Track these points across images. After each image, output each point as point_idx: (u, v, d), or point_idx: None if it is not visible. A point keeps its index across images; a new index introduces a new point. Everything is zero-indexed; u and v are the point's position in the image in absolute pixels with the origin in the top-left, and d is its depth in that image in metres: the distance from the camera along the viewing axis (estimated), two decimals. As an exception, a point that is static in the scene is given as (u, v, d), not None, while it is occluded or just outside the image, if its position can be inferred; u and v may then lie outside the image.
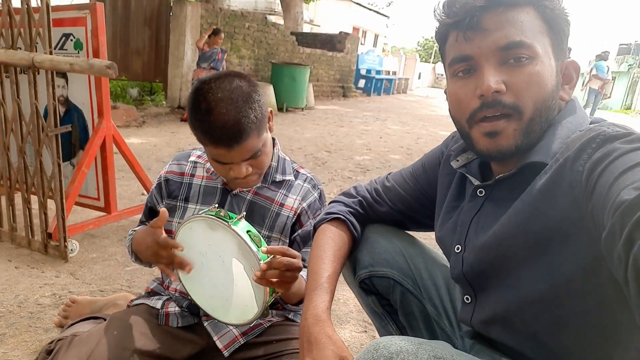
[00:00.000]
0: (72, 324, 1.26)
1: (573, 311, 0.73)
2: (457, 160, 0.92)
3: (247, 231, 0.96)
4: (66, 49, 2.39)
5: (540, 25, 0.77)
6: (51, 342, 1.13)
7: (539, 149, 0.77)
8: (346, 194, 1.14)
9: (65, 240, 2.13)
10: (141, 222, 1.34)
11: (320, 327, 0.83)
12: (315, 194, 1.26)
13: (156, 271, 2.12)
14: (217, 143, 1.03)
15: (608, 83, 11.93)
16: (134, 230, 1.27)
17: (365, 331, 1.80)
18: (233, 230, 0.94)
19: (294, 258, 0.96)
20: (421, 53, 48.80)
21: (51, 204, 2.17)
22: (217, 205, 1.03)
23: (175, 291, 1.24)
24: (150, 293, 1.32)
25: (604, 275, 0.65)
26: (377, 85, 16.10)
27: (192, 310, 1.22)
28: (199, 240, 1.02)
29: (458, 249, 0.89)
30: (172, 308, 1.22)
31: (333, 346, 0.79)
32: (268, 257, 0.94)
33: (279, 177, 1.22)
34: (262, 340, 1.20)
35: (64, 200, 2.11)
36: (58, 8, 2.33)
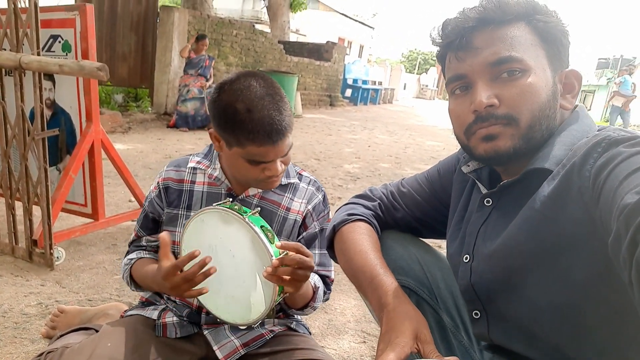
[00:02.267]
0: (61, 335, 1.19)
1: (594, 319, 0.71)
2: (468, 166, 0.93)
3: (261, 226, 0.93)
4: (54, 51, 2.32)
5: (532, 39, 0.78)
6: (40, 355, 1.07)
7: (542, 155, 0.77)
8: (364, 197, 1.11)
9: (51, 248, 2.05)
10: (137, 237, 1.25)
11: (399, 301, 0.83)
12: (320, 196, 1.24)
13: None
14: (262, 140, 0.99)
15: (632, 100, 10.93)
16: (131, 259, 1.20)
17: (365, 342, 1.76)
18: (247, 223, 0.91)
19: (307, 256, 0.94)
20: (406, 64, 49.32)
21: (36, 210, 2.09)
22: (230, 199, 1.00)
23: (177, 298, 1.19)
24: (145, 303, 1.27)
25: (620, 279, 0.63)
26: (363, 94, 16.18)
27: (192, 319, 1.17)
28: (209, 234, 0.99)
29: (466, 258, 0.87)
30: (170, 318, 1.17)
31: (410, 319, 0.79)
32: (280, 253, 0.91)
33: (284, 181, 1.19)
34: (264, 351, 1.15)
35: (50, 207, 2.04)
36: (46, 9, 2.27)
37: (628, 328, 0.69)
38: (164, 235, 0.98)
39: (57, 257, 2.13)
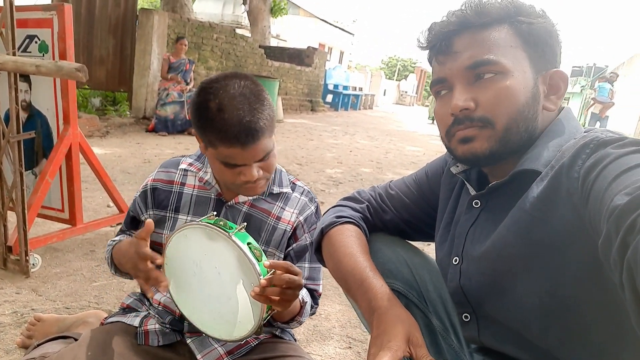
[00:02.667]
0: (38, 344, 1.15)
1: (585, 321, 0.71)
2: (457, 166, 0.93)
3: (248, 243, 0.89)
4: (30, 52, 2.26)
5: (513, 41, 0.78)
6: (17, 366, 1.02)
7: (530, 157, 0.77)
8: (352, 199, 1.10)
9: (26, 254, 1.98)
10: (121, 232, 1.25)
11: (390, 304, 0.82)
12: (312, 208, 1.21)
13: (129, 286, 2.00)
14: (231, 141, 0.97)
15: (610, 107, 10.69)
16: (114, 240, 1.18)
17: (350, 347, 1.74)
18: (234, 241, 0.87)
19: (296, 275, 0.90)
20: (385, 71, 49.69)
21: (11, 216, 2.02)
22: (215, 213, 0.97)
23: (159, 304, 1.15)
24: (126, 309, 1.23)
25: (610, 281, 0.63)
26: (344, 100, 16.24)
27: (175, 326, 1.14)
28: (193, 249, 0.95)
29: (456, 260, 0.87)
30: (152, 325, 1.14)
31: (402, 323, 0.78)
32: (268, 272, 0.88)
33: (276, 189, 1.17)
34: (250, 359, 1.13)
35: (26, 212, 1.97)
36: (22, 8, 2.21)
37: (619, 330, 0.68)
38: (149, 221, 0.94)
39: (33, 264, 2.06)
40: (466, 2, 0.81)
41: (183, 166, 1.17)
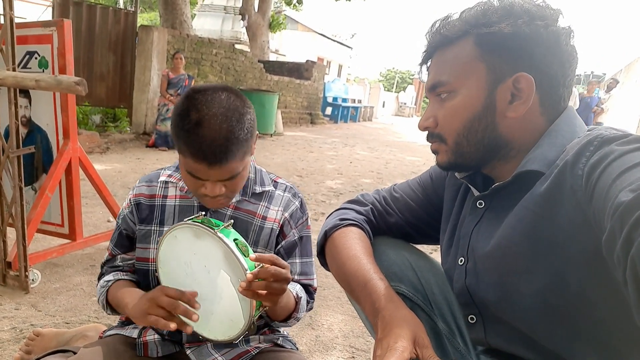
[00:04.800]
0: (37, 359, 1.13)
1: (590, 320, 0.70)
2: None
3: (234, 239, 0.89)
4: (30, 68, 2.28)
5: (471, 55, 0.79)
6: (15, 380, 1.01)
7: (533, 157, 0.77)
8: (356, 202, 1.10)
9: (26, 270, 1.97)
10: (111, 257, 1.20)
11: (394, 305, 0.82)
12: (297, 203, 1.20)
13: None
14: (199, 158, 0.96)
15: (600, 113, 10.64)
16: (107, 282, 1.15)
17: (353, 357, 1.72)
18: (219, 237, 0.87)
19: (283, 268, 0.89)
20: (384, 83, 49.98)
21: (11, 232, 2.02)
22: (203, 213, 0.96)
23: (157, 316, 1.14)
24: (125, 322, 1.22)
25: (614, 279, 0.63)
26: (343, 112, 16.32)
27: (174, 337, 1.12)
28: (183, 250, 0.95)
29: (461, 261, 0.87)
30: (151, 336, 1.13)
31: (407, 324, 0.78)
32: (256, 266, 0.87)
33: (258, 189, 1.16)
34: (250, 368, 1.11)
35: (26, 227, 1.97)
36: (22, 25, 2.24)
37: (627, 329, 0.67)
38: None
39: (32, 280, 2.06)
40: (433, 23, 0.84)
41: (163, 178, 1.16)
